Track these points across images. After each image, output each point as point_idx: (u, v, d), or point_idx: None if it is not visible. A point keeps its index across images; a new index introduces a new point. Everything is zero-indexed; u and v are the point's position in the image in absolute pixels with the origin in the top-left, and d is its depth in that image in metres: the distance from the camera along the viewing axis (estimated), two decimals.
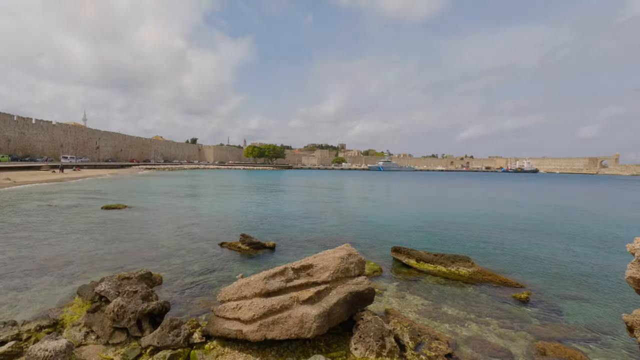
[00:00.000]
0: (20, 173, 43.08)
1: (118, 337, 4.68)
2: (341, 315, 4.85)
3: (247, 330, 4.33)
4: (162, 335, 4.52)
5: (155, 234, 12.76)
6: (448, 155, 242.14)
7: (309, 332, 4.36)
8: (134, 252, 10.09)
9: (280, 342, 4.77)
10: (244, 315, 4.42)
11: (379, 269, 8.70)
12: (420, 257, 8.99)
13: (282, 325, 4.35)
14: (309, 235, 13.18)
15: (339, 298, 4.85)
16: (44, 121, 74.71)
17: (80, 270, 8.31)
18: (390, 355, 4.46)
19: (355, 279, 5.30)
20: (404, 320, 5.78)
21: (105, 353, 4.53)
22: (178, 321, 4.74)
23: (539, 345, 5.18)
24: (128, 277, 6.05)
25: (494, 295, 7.33)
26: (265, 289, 4.62)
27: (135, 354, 4.44)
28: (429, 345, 5.00)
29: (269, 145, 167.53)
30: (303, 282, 4.94)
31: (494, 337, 5.58)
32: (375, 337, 4.53)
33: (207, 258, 9.72)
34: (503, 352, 5.10)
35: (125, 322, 4.73)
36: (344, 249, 5.59)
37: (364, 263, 5.63)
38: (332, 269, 5.16)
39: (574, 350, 5.05)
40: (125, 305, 4.81)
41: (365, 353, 4.51)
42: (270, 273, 4.87)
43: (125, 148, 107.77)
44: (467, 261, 8.47)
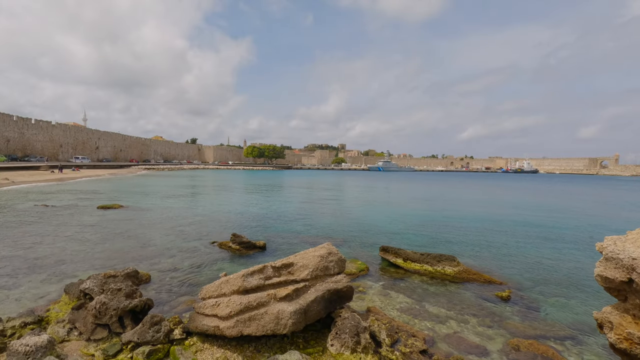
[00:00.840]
0: (19, 173, 43.21)
1: (100, 334, 4.79)
2: (319, 312, 4.96)
3: (224, 326, 4.43)
4: (142, 332, 4.63)
5: (148, 233, 12.87)
6: (448, 156, 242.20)
7: (285, 328, 4.46)
8: (125, 251, 10.20)
9: (258, 338, 4.88)
10: (222, 312, 4.53)
11: (365, 268, 8.80)
12: (407, 257, 9.09)
13: (259, 322, 4.46)
14: (301, 235, 13.29)
15: (316, 295, 4.95)
16: (44, 121, 74.89)
17: (70, 269, 8.42)
18: (365, 351, 4.56)
19: (335, 277, 5.40)
20: (383, 317, 5.88)
21: (87, 349, 4.64)
22: (159, 318, 4.85)
23: (514, 342, 5.29)
24: (114, 275, 6.16)
25: (476, 293, 7.43)
26: (243, 286, 4.73)
27: (115, 349, 4.55)
28: (406, 342, 5.10)
29: (269, 146, 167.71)
30: (282, 280, 5.05)
31: (471, 334, 5.68)
32: (350, 334, 4.64)
33: (198, 257, 9.83)
34: (479, 348, 5.21)
35: (107, 318, 4.84)
36: (325, 247, 5.70)
37: (344, 262, 5.74)
38: (311, 267, 5.27)
39: (547, 347, 5.15)
40: (108, 302, 4.92)
41: (340, 349, 4.61)
42: (249, 271, 4.97)
43: (124, 148, 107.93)
44: (453, 260, 8.57)
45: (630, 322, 4.33)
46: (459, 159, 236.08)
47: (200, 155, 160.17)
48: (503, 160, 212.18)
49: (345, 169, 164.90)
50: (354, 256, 10.16)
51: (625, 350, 4.36)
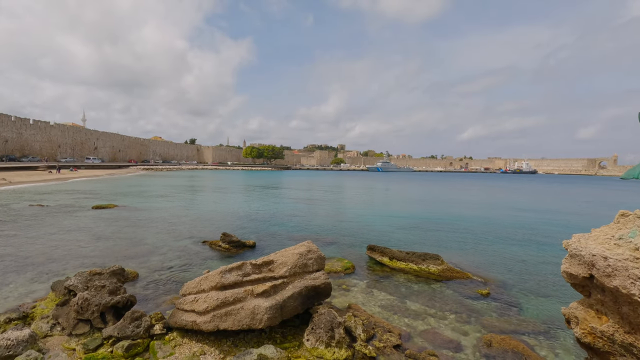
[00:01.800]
0: (16, 173, 43.29)
1: (81, 329, 4.92)
2: (295, 308, 5.09)
3: (201, 321, 4.57)
4: (122, 327, 4.76)
5: (141, 232, 12.99)
6: (447, 156, 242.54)
7: (260, 323, 4.60)
8: (116, 250, 10.32)
9: (236, 333, 5.01)
10: (199, 307, 4.66)
11: (351, 266, 8.93)
12: (393, 255, 9.23)
13: (235, 317, 4.59)
14: (293, 234, 13.41)
15: (293, 292, 5.08)
16: (42, 122, 74.96)
17: (60, 268, 8.53)
18: (339, 346, 4.69)
19: (313, 274, 5.53)
20: (362, 314, 6.02)
21: (69, 343, 4.77)
22: (139, 313, 4.98)
23: (487, 338, 5.42)
24: (99, 272, 6.29)
25: (458, 291, 7.57)
26: (221, 282, 4.86)
27: (96, 344, 4.68)
28: (381, 337, 5.23)
29: (268, 146, 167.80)
30: (260, 276, 5.18)
31: (448, 329, 5.81)
32: (325, 329, 4.77)
33: (188, 256, 9.96)
34: (452, 343, 5.34)
35: (88, 314, 4.96)
36: (305, 245, 5.83)
37: (323, 259, 5.87)
38: (290, 264, 5.40)
39: (519, 342, 5.29)
40: (90, 298, 5.04)
41: (315, 343, 4.75)
42: (227, 268, 5.10)
43: (123, 149, 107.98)
44: (437, 259, 8.71)
45: (594, 317, 4.47)
46: (458, 159, 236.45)
47: (199, 156, 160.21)
48: (502, 161, 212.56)
49: (344, 169, 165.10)
50: (342, 255, 10.30)
51: (589, 345, 4.50)
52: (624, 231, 3.97)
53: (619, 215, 4.11)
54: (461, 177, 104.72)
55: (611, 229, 4.21)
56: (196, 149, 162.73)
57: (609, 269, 3.82)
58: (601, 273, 3.93)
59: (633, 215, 3.89)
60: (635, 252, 3.71)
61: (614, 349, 4.16)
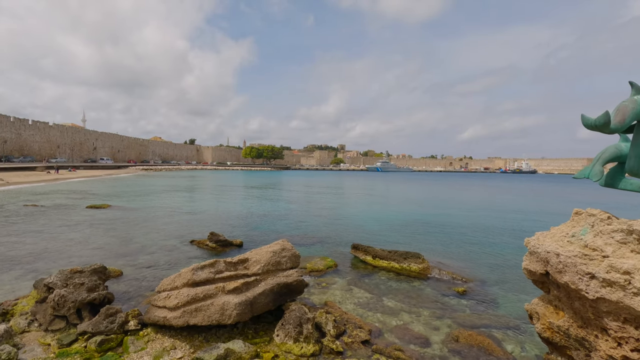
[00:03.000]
0: (14, 174, 43.49)
1: (57, 324, 5.05)
2: (267, 304, 5.22)
3: (171, 316, 4.70)
4: (96, 323, 4.89)
5: (131, 231, 13.13)
6: (447, 156, 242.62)
7: (230, 319, 4.73)
8: (105, 249, 10.46)
9: (209, 328, 5.14)
10: (170, 304, 4.79)
11: (334, 264, 9.07)
12: (376, 254, 9.35)
13: (205, 312, 4.73)
14: (282, 234, 13.54)
15: (265, 289, 5.21)
16: (41, 122, 75.19)
17: (47, 267, 8.66)
18: (307, 341, 4.82)
19: (286, 271, 5.67)
20: (337, 310, 6.14)
21: (44, 339, 4.90)
22: (114, 310, 5.11)
23: (455, 333, 5.55)
24: (80, 270, 6.41)
25: (436, 288, 7.69)
26: (192, 279, 4.99)
27: (70, 339, 4.81)
28: (351, 333, 5.36)
29: (268, 146, 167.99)
30: (233, 274, 5.31)
31: (420, 326, 5.93)
32: (294, 324, 4.90)
33: (174, 254, 10.09)
34: (421, 338, 5.46)
35: (65, 310, 5.10)
36: (279, 244, 5.96)
37: (297, 257, 6.00)
38: (263, 262, 5.53)
39: (486, 337, 5.41)
40: (66, 295, 5.18)
41: (284, 339, 4.88)
42: (200, 265, 5.24)
43: (122, 149, 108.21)
44: (418, 257, 8.83)
45: (552, 312, 4.61)
46: (458, 159, 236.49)
47: (199, 156, 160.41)
48: (502, 161, 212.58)
49: (344, 169, 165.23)
50: (328, 254, 10.43)
51: (549, 339, 4.64)
52: (577, 229, 4.11)
53: (574, 213, 4.24)
54: (460, 177, 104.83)
55: (567, 226, 4.35)
56: (195, 149, 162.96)
57: (560, 265, 3.96)
58: (554, 269, 4.08)
59: (585, 213, 4.03)
60: (584, 249, 3.85)
61: (570, 343, 4.30)
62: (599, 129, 3.21)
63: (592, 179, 3.95)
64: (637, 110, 3.24)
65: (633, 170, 3.54)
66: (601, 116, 3.14)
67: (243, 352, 4.47)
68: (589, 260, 3.71)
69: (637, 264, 3.35)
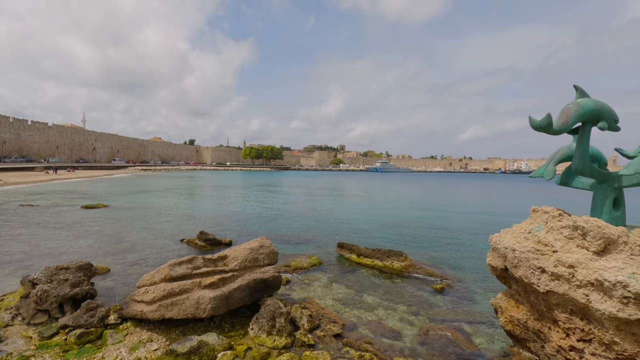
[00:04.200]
0: (13, 174, 43.71)
1: (40, 318, 5.23)
2: (242, 299, 5.40)
3: (147, 310, 4.88)
4: (77, 316, 5.07)
5: (124, 230, 13.32)
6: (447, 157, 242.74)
7: (204, 312, 4.91)
8: (96, 247, 10.64)
9: (186, 322, 5.32)
10: (147, 298, 4.98)
11: (318, 262, 9.25)
12: (360, 252, 9.53)
13: (180, 306, 4.91)
14: (272, 233, 13.72)
15: (240, 284, 5.40)
16: (40, 122, 75.45)
17: (38, 264, 8.83)
18: (279, 334, 5.00)
19: (263, 268, 5.85)
20: (314, 306, 6.32)
21: (26, 332, 5.09)
22: (95, 304, 5.29)
23: (425, 327, 5.73)
24: (66, 267, 6.58)
25: (415, 285, 7.87)
26: (169, 274, 5.17)
27: (51, 332, 5.00)
28: (324, 327, 5.54)
29: (267, 147, 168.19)
30: (210, 269, 5.49)
31: (394, 320, 6.11)
32: (267, 318, 5.08)
33: (164, 253, 10.27)
34: (393, 332, 5.64)
35: (47, 305, 5.28)
36: (257, 241, 6.15)
37: (275, 254, 6.18)
38: (240, 259, 5.72)
39: (456, 331, 5.59)
40: (49, 290, 5.36)
41: (258, 332, 5.06)
42: (177, 261, 5.42)
43: (122, 149, 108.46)
44: (400, 255, 9.01)
45: (514, 306, 4.80)
46: (458, 160, 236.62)
47: (198, 156, 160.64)
48: (502, 161, 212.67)
49: (343, 169, 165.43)
50: (315, 252, 10.61)
51: (510, 332, 4.83)
52: (533, 225, 4.30)
53: (532, 211, 4.44)
54: (459, 177, 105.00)
55: (526, 223, 4.54)
56: (195, 149, 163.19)
57: (515, 260, 4.16)
58: (510, 264, 4.27)
59: (541, 211, 4.22)
60: (538, 244, 4.05)
61: (528, 336, 4.50)
62: (544, 130, 3.38)
63: (545, 178, 4.13)
64: (580, 113, 3.42)
65: (578, 169, 3.72)
66: (544, 118, 3.32)
67: (216, 344, 4.65)
68: (540, 255, 3.90)
69: (581, 258, 3.53)
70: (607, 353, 3.43)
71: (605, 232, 3.43)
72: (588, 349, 3.59)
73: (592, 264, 3.42)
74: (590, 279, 3.36)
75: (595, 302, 3.34)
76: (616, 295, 3.16)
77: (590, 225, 3.52)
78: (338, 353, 4.88)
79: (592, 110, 3.41)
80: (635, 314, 3.08)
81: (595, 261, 3.43)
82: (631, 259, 3.30)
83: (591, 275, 3.36)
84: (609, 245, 3.46)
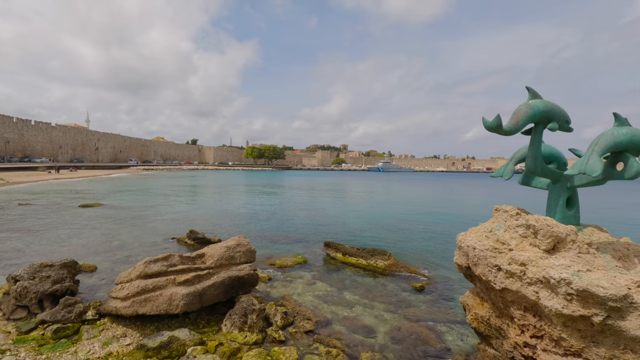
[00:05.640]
0: (15, 173, 44.20)
1: (19, 314, 5.38)
2: (216, 296, 5.52)
3: (121, 306, 5.01)
4: (54, 312, 5.22)
5: (117, 229, 13.50)
6: (450, 156, 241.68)
7: (177, 309, 5.03)
8: (87, 246, 10.81)
9: (161, 318, 5.44)
10: (121, 294, 5.11)
11: (303, 260, 9.35)
12: (345, 251, 9.63)
13: (153, 303, 5.03)
14: (263, 232, 13.85)
15: (215, 281, 5.51)
16: (43, 123, 76.18)
17: (28, 262, 9.00)
18: (251, 330, 5.11)
19: (239, 265, 5.96)
20: (291, 303, 6.43)
21: (6, 327, 5.23)
22: (73, 300, 5.43)
23: (398, 325, 5.82)
24: (50, 265, 6.74)
25: (397, 284, 7.95)
26: (144, 271, 5.30)
27: (29, 327, 5.14)
28: (298, 324, 5.64)
29: (269, 147, 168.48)
30: (186, 267, 5.61)
31: (370, 317, 6.20)
32: (239, 315, 5.19)
33: (153, 251, 10.41)
34: (366, 329, 5.73)
35: (27, 300, 5.43)
36: (235, 239, 6.26)
37: (253, 252, 6.29)
38: (216, 256, 5.83)
39: (426, 329, 5.68)
40: (28, 286, 5.51)
41: (230, 328, 5.17)
42: (153, 259, 5.54)
43: (124, 149, 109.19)
44: (384, 254, 9.09)
45: (479, 303, 4.88)
46: (461, 159, 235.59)
47: (201, 156, 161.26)
48: (504, 161, 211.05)
49: (345, 169, 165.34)
50: (303, 251, 10.72)
51: (476, 329, 4.91)
52: (495, 224, 4.37)
53: (494, 210, 4.51)
54: (460, 177, 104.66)
55: (490, 222, 4.61)
56: (197, 149, 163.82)
57: (475, 258, 4.24)
58: (471, 262, 4.35)
59: (502, 210, 4.29)
60: (496, 242, 4.13)
61: (492, 332, 4.57)
62: (495, 130, 3.46)
63: (504, 177, 4.20)
64: (530, 114, 3.49)
65: (530, 169, 3.79)
66: (494, 119, 3.40)
67: (187, 340, 4.77)
68: (497, 253, 3.97)
69: (532, 256, 3.61)
70: (556, 349, 3.51)
71: (554, 231, 3.50)
72: (540, 345, 3.67)
73: (541, 261, 3.49)
74: (539, 276, 3.43)
75: (543, 299, 3.41)
76: (561, 292, 3.24)
77: (540, 224, 3.59)
78: (307, 349, 4.98)
79: (542, 111, 3.47)
80: (578, 310, 3.15)
81: (545, 259, 3.50)
82: (578, 257, 3.37)
83: (540, 272, 3.43)
84: (558, 244, 3.53)
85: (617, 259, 3.37)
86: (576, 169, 3.45)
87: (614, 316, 3.00)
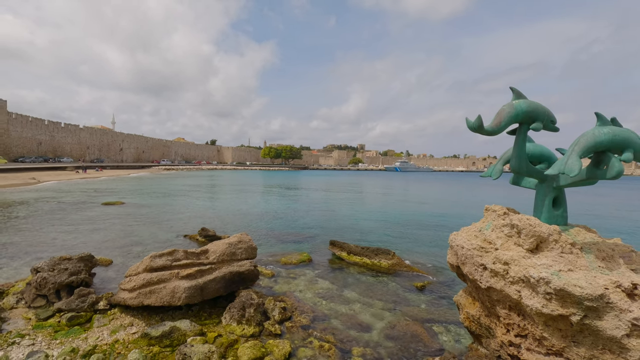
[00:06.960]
0: (46, 173, 46.77)
1: (39, 302, 5.84)
2: (217, 290, 5.78)
3: (128, 297, 5.35)
4: (69, 302, 5.63)
5: (135, 225, 14.15)
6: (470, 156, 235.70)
7: (179, 301, 5.32)
8: (105, 241, 11.43)
9: (166, 310, 5.76)
10: (129, 286, 5.45)
11: (308, 259, 9.53)
12: (350, 250, 9.73)
13: (157, 295, 5.34)
14: (273, 230, 14.14)
15: (216, 276, 5.78)
16: (72, 125, 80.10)
17: (52, 255, 9.66)
18: (248, 323, 5.34)
19: (240, 261, 6.21)
20: (290, 299, 6.62)
21: (27, 314, 5.70)
22: (87, 291, 5.84)
23: (393, 322, 5.89)
24: (69, 258, 7.22)
25: (399, 283, 7.99)
26: (150, 265, 5.63)
27: (47, 314, 5.57)
28: (295, 319, 5.83)
29: (286, 147, 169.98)
30: (190, 262, 5.91)
31: (367, 315, 6.30)
32: (238, 308, 5.43)
33: (165, 247, 10.71)
34: (362, 325, 5.84)
35: (45, 290, 5.88)
36: (237, 237, 6.52)
37: (254, 249, 6.53)
38: (219, 252, 6.10)
39: (422, 328, 5.72)
40: (47, 277, 5.96)
41: (229, 321, 5.42)
42: (159, 253, 5.87)
43: (147, 150, 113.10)
44: (388, 254, 9.14)
45: (471, 303, 4.90)
46: (482, 159, 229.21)
47: (219, 156, 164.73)
48: None
49: (362, 169, 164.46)
50: (309, 250, 10.90)
51: (469, 328, 4.94)
52: (484, 224, 4.41)
53: (484, 209, 4.54)
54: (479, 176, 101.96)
55: (481, 222, 4.65)
56: (216, 149, 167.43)
57: (463, 257, 4.30)
58: (460, 261, 4.41)
59: (491, 209, 4.32)
60: (483, 242, 4.18)
61: (482, 332, 4.61)
62: (477, 130, 3.50)
63: (492, 177, 4.21)
64: (513, 114, 3.52)
65: (515, 169, 3.80)
66: (476, 120, 3.45)
67: (188, 330, 5.05)
68: (484, 253, 4.01)
69: (515, 255, 3.64)
70: (539, 348, 3.52)
71: (536, 230, 3.51)
72: (524, 344, 3.68)
73: (524, 261, 3.51)
74: (520, 275, 3.46)
75: (525, 298, 3.44)
76: (540, 291, 3.26)
77: (523, 224, 3.61)
78: (301, 342, 5.15)
79: (525, 111, 3.48)
80: (557, 309, 3.16)
81: (528, 258, 3.52)
82: (560, 257, 3.38)
83: (522, 272, 3.45)
84: (541, 243, 3.53)
85: (601, 259, 3.35)
86: (556, 169, 3.45)
87: (591, 316, 3.00)
